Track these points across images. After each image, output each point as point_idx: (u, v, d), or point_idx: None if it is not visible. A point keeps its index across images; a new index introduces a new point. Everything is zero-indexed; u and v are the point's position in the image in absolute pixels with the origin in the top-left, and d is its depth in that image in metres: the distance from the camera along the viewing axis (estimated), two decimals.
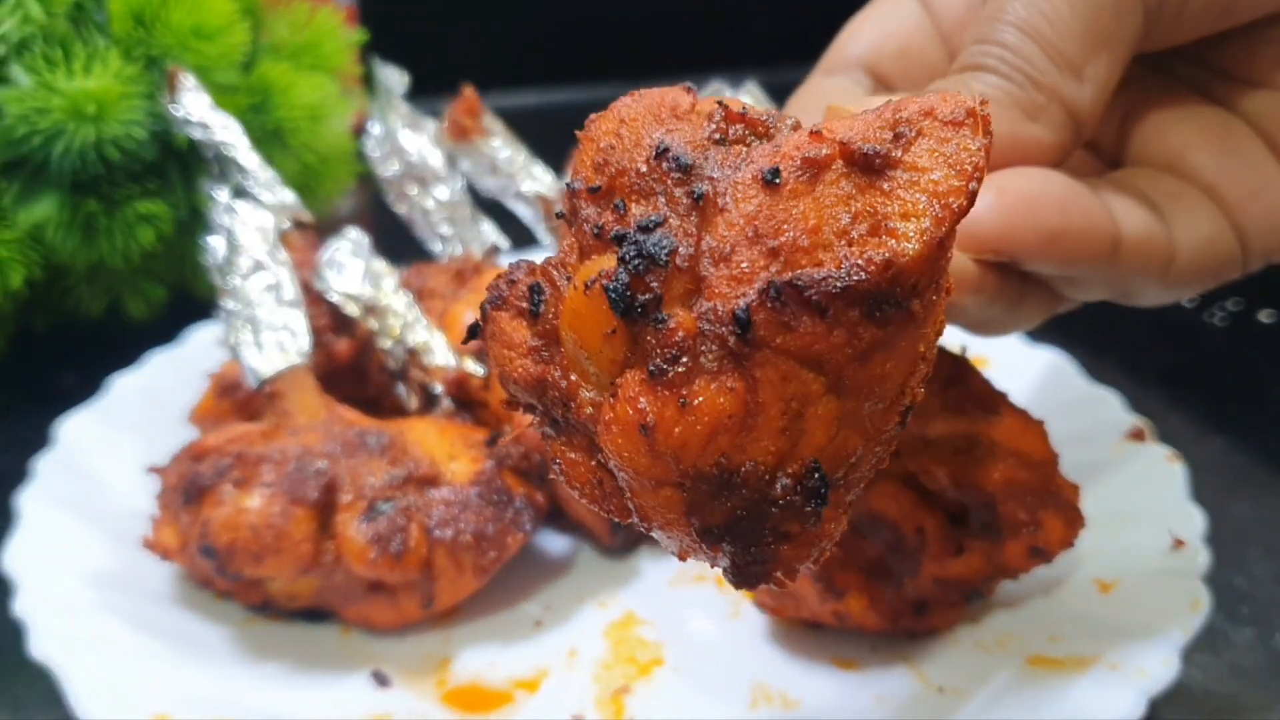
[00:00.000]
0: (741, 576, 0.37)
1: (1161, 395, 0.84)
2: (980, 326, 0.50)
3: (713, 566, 0.38)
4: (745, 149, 0.36)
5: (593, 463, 0.38)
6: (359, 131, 0.86)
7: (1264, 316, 0.96)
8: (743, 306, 0.33)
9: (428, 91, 0.95)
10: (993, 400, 0.58)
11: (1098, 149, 0.55)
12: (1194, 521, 0.63)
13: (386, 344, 0.69)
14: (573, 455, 0.38)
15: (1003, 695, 0.56)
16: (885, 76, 0.55)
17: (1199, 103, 0.52)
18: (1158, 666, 0.54)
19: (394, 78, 0.80)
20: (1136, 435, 0.70)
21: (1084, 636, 0.58)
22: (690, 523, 0.36)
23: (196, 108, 0.74)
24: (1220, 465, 0.77)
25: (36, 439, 0.70)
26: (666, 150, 0.36)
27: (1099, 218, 0.46)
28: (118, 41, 0.78)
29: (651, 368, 0.34)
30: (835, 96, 0.51)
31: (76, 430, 0.71)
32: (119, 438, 0.72)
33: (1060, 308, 0.51)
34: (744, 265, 0.34)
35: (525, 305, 0.38)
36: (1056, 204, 0.44)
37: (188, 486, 0.59)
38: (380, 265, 0.71)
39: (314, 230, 0.73)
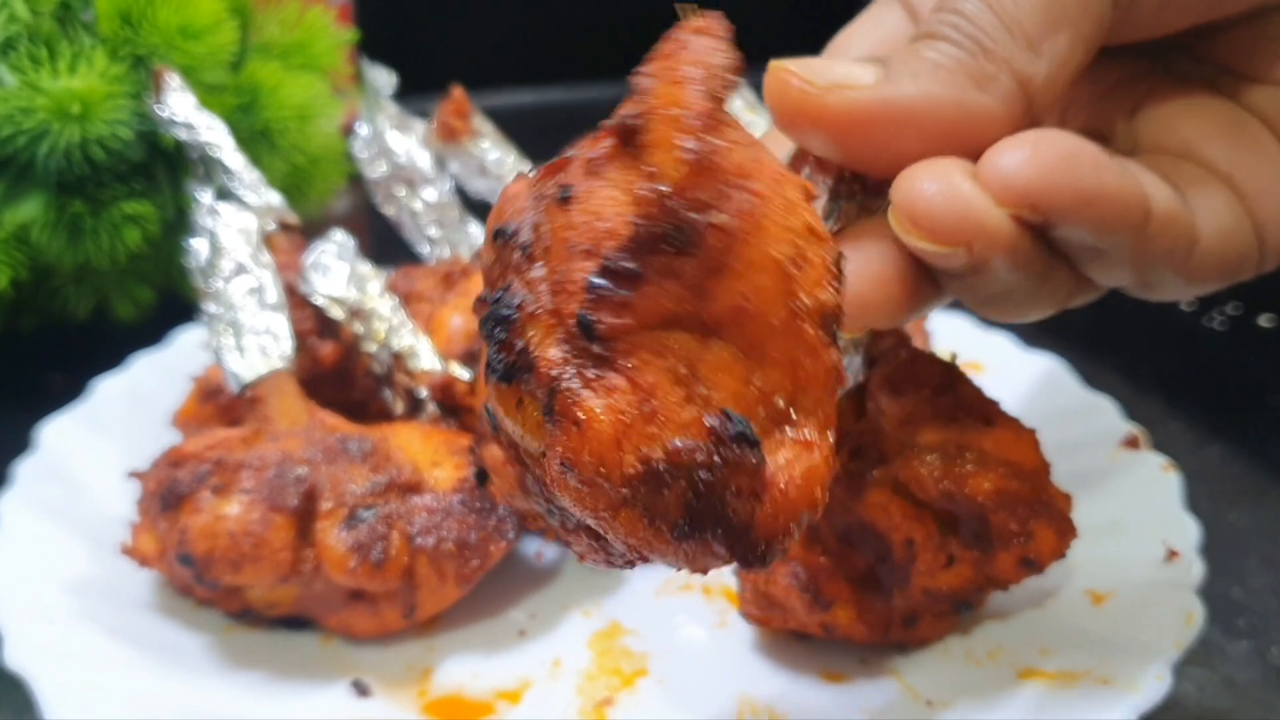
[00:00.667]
0: (743, 559, 0.36)
1: (1159, 401, 0.83)
2: (996, 302, 0.47)
3: (722, 564, 0.37)
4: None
5: (593, 541, 0.37)
6: (349, 131, 0.85)
7: (1264, 321, 0.95)
8: (579, 312, 0.33)
9: (419, 90, 0.94)
10: (984, 409, 0.57)
11: (1109, 143, 0.54)
12: (1188, 532, 0.62)
13: (372, 348, 0.68)
14: (582, 542, 0.38)
15: (992, 709, 0.55)
16: None
17: (1209, 95, 0.51)
18: (1149, 681, 0.53)
19: (382, 78, 0.80)
20: (1131, 443, 0.69)
21: (1075, 649, 0.57)
22: (661, 531, 0.35)
23: (182, 108, 0.73)
24: (1218, 473, 0.76)
25: (21, 441, 0.69)
26: (499, 230, 0.36)
27: (1132, 184, 0.44)
28: (104, 41, 0.78)
29: (544, 411, 0.34)
30: None
31: (58, 434, 0.70)
32: (101, 442, 0.71)
33: (1076, 298, 0.49)
34: (572, 278, 0.34)
35: (490, 429, 0.38)
36: (1091, 164, 0.43)
37: (166, 493, 0.58)
38: (366, 268, 0.70)
39: (300, 232, 0.72)
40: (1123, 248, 0.44)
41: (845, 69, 0.44)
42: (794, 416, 0.36)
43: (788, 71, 0.44)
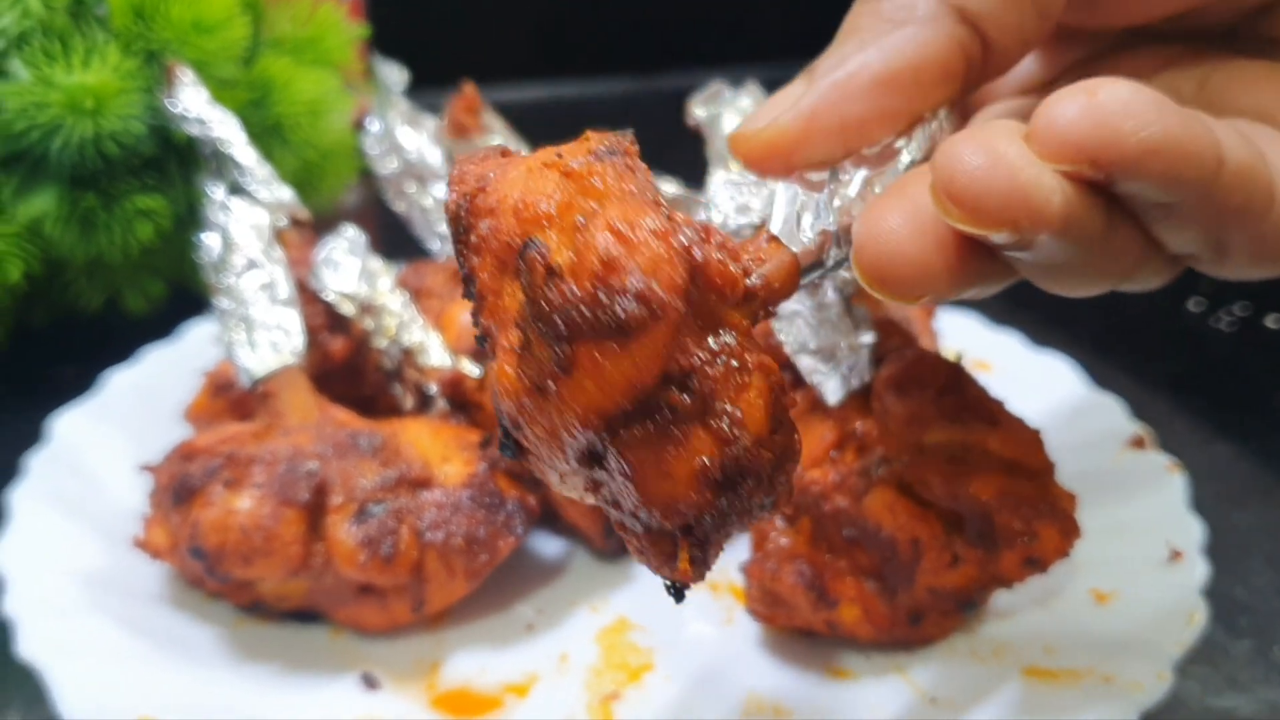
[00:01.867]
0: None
1: (1166, 401, 0.84)
2: (1054, 273, 0.43)
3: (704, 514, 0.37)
4: None
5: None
6: (360, 127, 0.85)
7: (1271, 322, 0.95)
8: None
9: (430, 85, 0.94)
10: (989, 409, 0.58)
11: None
12: (1192, 533, 0.62)
13: (382, 343, 0.68)
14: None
15: (996, 707, 0.55)
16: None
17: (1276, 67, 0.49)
18: (1151, 680, 0.54)
19: (393, 74, 0.80)
20: (1137, 443, 0.70)
21: (1079, 648, 0.58)
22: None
23: (194, 103, 0.73)
24: (1224, 473, 0.76)
25: (34, 434, 0.69)
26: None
27: (1201, 131, 0.39)
28: (117, 36, 0.78)
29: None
30: None
31: (70, 427, 0.70)
32: (113, 435, 0.71)
33: (1143, 269, 0.44)
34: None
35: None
36: (1157, 110, 0.38)
37: (178, 487, 0.59)
38: (377, 264, 0.70)
39: (311, 228, 0.73)
40: (1194, 201, 0.40)
41: (777, 98, 0.45)
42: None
43: (732, 137, 0.46)
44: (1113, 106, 0.38)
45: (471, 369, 0.67)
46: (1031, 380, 0.76)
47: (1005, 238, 0.39)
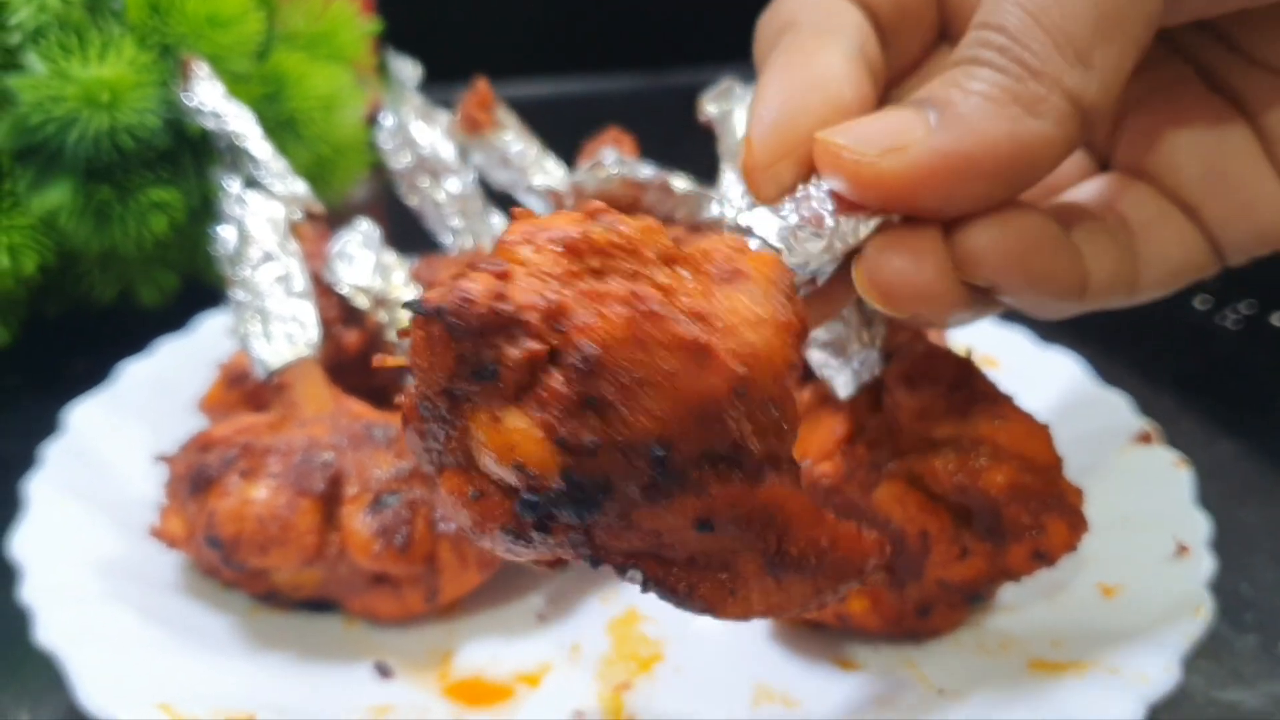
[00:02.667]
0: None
1: (1172, 398, 0.84)
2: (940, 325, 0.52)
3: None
4: (722, 473, 0.38)
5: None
6: (373, 120, 0.86)
7: (1277, 320, 0.95)
8: (598, 560, 0.39)
9: (444, 79, 0.95)
10: (998, 403, 0.58)
11: (1091, 146, 0.55)
12: (1199, 527, 0.62)
13: (395, 336, 0.69)
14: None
15: (1003, 698, 0.56)
16: (882, 25, 0.52)
17: (1199, 98, 0.51)
18: (1158, 673, 0.54)
19: (406, 69, 0.80)
20: (1144, 439, 0.70)
21: (1086, 641, 0.58)
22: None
23: (209, 97, 0.74)
24: (1229, 470, 0.77)
25: (48, 425, 0.70)
26: (662, 459, 0.37)
27: (1077, 269, 0.47)
28: (133, 30, 0.79)
29: (510, 527, 0.38)
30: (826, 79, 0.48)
31: (85, 417, 0.71)
32: (128, 425, 0.72)
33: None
34: (629, 542, 0.39)
35: (468, 363, 0.38)
36: (1051, 250, 0.46)
37: (194, 476, 0.59)
38: (391, 258, 0.71)
39: (325, 221, 0.73)
40: (1058, 308, 0.49)
41: (893, 125, 0.43)
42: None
43: (836, 145, 0.44)
44: (1016, 247, 0.45)
45: None
46: (1039, 376, 0.76)
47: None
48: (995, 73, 0.43)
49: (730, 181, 0.63)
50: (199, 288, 0.88)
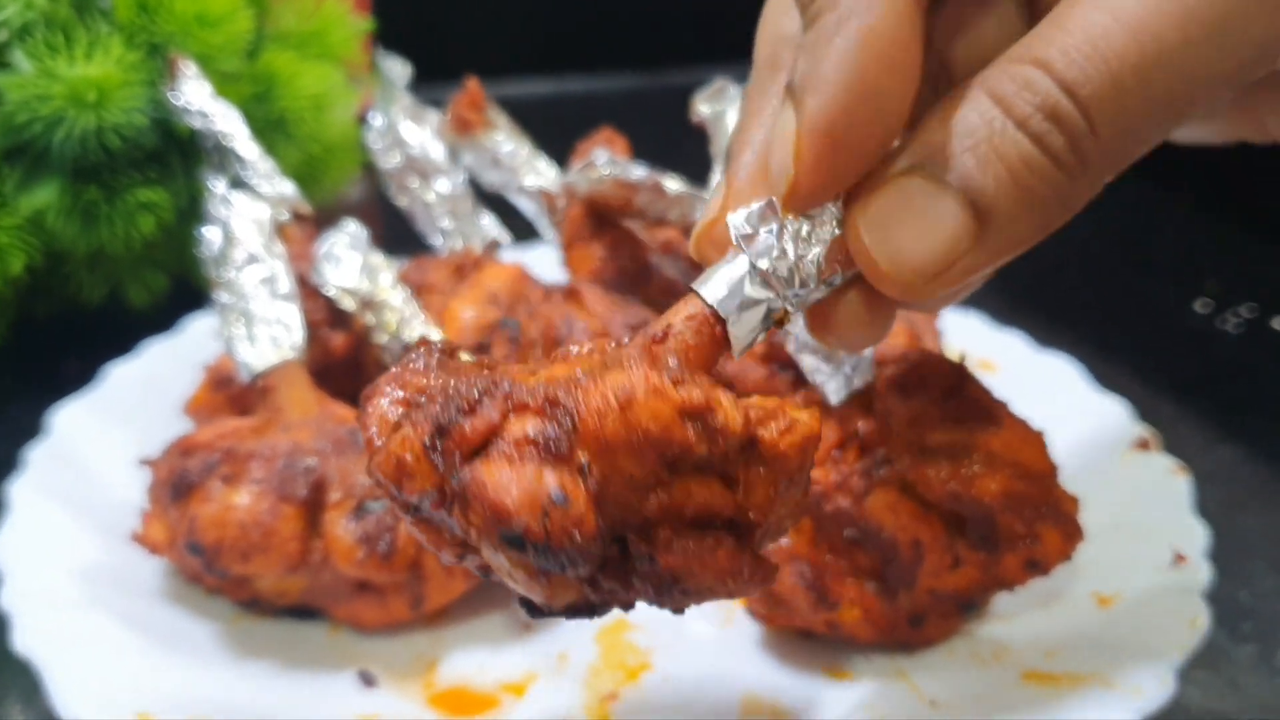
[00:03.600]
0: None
1: (1171, 403, 0.83)
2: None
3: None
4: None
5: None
6: (364, 119, 0.85)
7: (1278, 324, 0.94)
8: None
9: (435, 79, 0.94)
10: (992, 410, 0.57)
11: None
12: (1197, 536, 0.61)
13: (383, 339, 0.68)
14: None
15: (996, 711, 0.55)
16: None
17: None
18: (1153, 685, 0.53)
19: (396, 69, 0.79)
20: (1142, 445, 0.69)
21: (1080, 652, 0.57)
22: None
23: (197, 96, 0.73)
24: (1229, 476, 0.76)
25: (36, 426, 0.69)
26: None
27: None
28: (120, 28, 0.78)
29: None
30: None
31: (70, 420, 0.70)
32: (113, 428, 0.71)
33: None
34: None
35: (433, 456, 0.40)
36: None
37: (176, 482, 0.59)
38: (378, 259, 0.70)
39: (313, 222, 0.72)
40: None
41: (941, 240, 0.40)
42: None
43: (883, 267, 0.41)
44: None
45: None
46: (1036, 381, 0.75)
47: None
48: (1040, 158, 0.39)
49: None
50: (188, 288, 0.88)
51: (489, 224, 0.78)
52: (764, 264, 0.41)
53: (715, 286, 0.42)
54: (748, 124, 0.47)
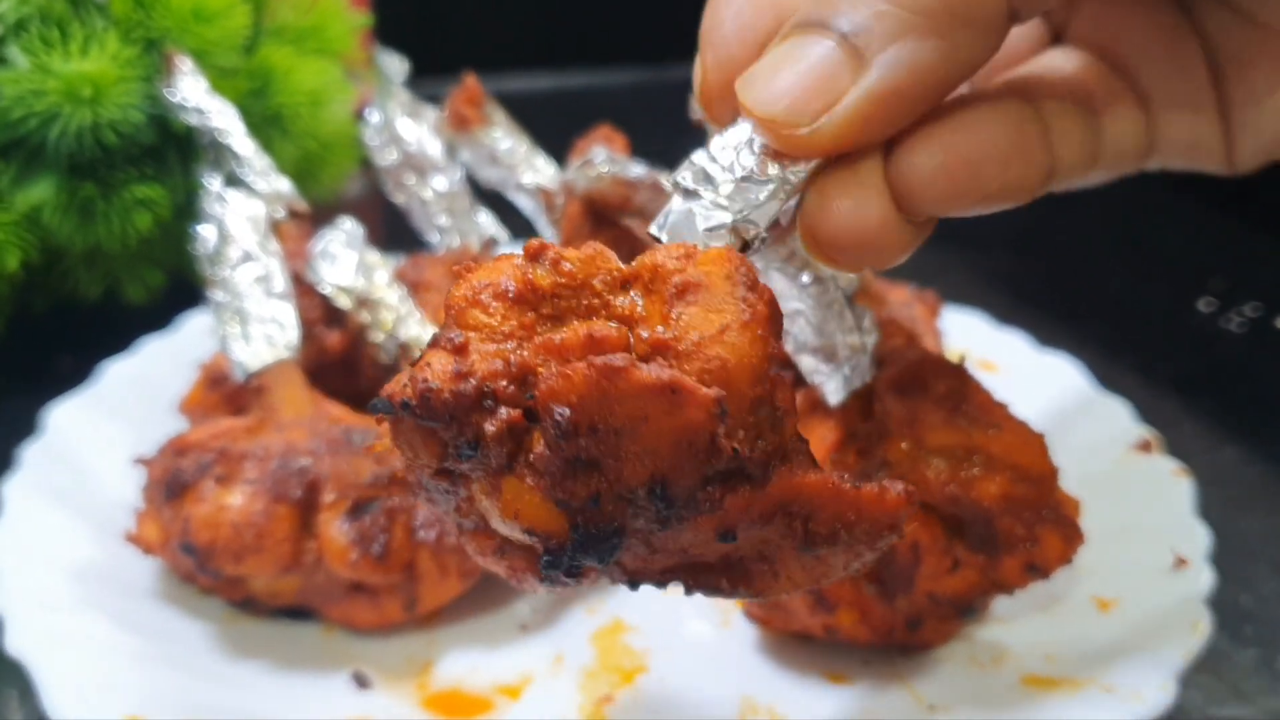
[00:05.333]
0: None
1: (1175, 403, 0.83)
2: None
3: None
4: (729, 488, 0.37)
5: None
6: (362, 115, 0.85)
7: None
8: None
9: (435, 73, 0.94)
10: (992, 412, 0.57)
11: (1047, 16, 0.53)
12: (1198, 540, 0.61)
13: (379, 337, 0.68)
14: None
15: (994, 715, 0.54)
16: None
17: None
18: (1153, 691, 0.52)
19: (394, 65, 0.79)
20: (1144, 447, 0.68)
21: (1080, 656, 0.57)
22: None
23: (193, 92, 0.73)
24: (1232, 478, 0.75)
25: (32, 423, 0.69)
26: (663, 494, 0.36)
27: (1033, 162, 0.44)
28: (116, 23, 0.77)
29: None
30: None
31: (65, 418, 0.70)
32: (108, 426, 0.71)
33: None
34: (657, 562, 0.38)
35: (445, 444, 0.38)
36: (999, 166, 0.43)
37: (170, 481, 0.58)
38: (374, 257, 0.69)
39: (309, 220, 0.72)
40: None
41: (816, 77, 0.40)
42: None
43: (762, 116, 0.41)
44: (962, 173, 0.42)
45: None
46: (1037, 381, 0.75)
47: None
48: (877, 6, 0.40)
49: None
50: (186, 285, 0.87)
51: (486, 221, 0.77)
52: (686, 180, 0.41)
53: (667, 228, 0.41)
54: None
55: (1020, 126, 0.44)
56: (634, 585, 0.40)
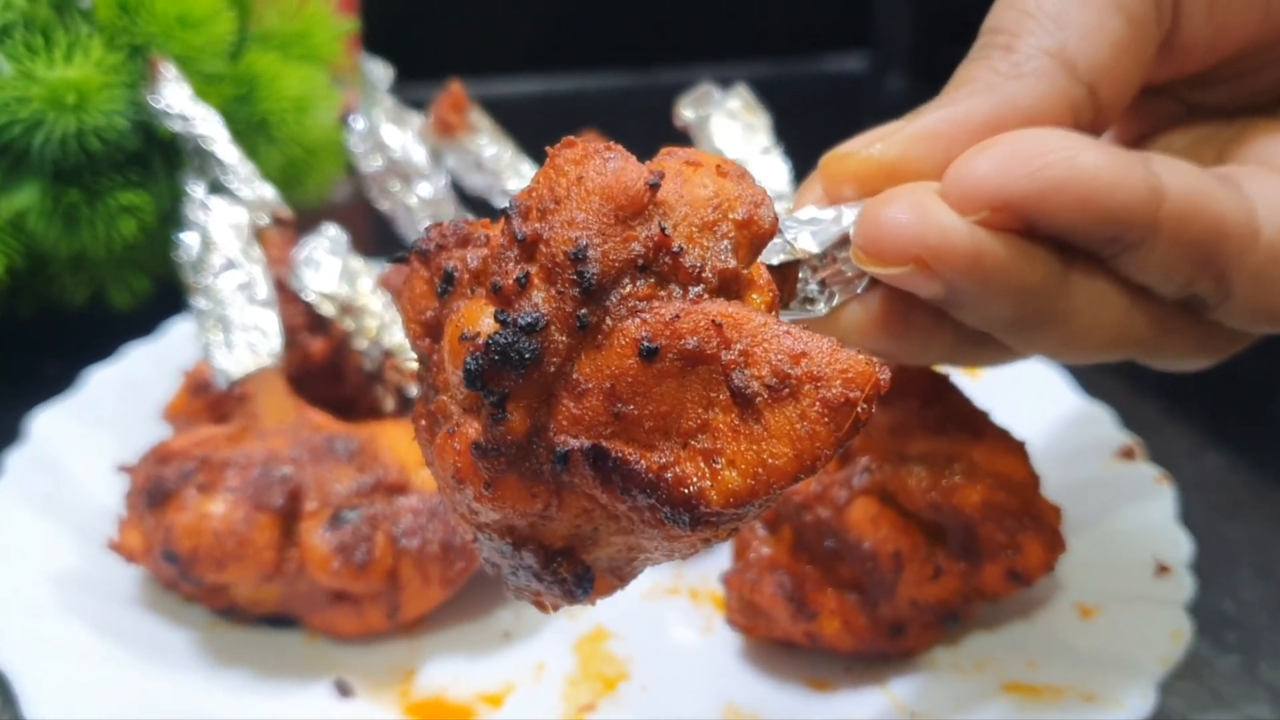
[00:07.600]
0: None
1: (1158, 408, 0.83)
2: (1025, 332, 0.43)
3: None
4: (657, 291, 0.35)
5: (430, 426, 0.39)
6: (347, 122, 0.85)
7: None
8: (564, 449, 0.34)
9: (421, 78, 0.93)
10: (974, 419, 0.57)
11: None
12: (1180, 547, 0.61)
13: (363, 345, 0.68)
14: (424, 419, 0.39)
15: None
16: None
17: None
18: (1134, 699, 0.53)
19: (378, 71, 0.79)
20: (1127, 454, 0.69)
21: (1062, 664, 0.57)
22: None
23: (176, 99, 0.73)
24: (1215, 484, 0.75)
25: (15, 430, 0.69)
26: (583, 259, 0.34)
27: (1121, 164, 0.40)
28: (101, 30, 0.77)
29: (480, 443, 0.35)
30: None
31: (48, 425, 0.70)
32: (92, 433, 0.71)
33: (1147, 330, 0.45)
34: (588, 412, 0.34)
35: (436, 281, 0.38)
36: (1057, 149, 0.40)
37: (152, 489, 0.58)
38: (358, 264, 0.69)
39: (293, 226, 0.72)
40: (1139, 235, 0.40)
41: (879, 129, 0.45)
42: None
43: (829, 157, 0.45)
44: (1014, 154, 0.40)
45: None
46: (1020, 388, 0.75)
47: (927, 287, 0.41)
48: (979, 52, 0.45)
49: None
50: (171, 291, 0.87)
51: None
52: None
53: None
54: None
55: (1087, 138, 0.44)
56: (563, 462, 0.35)
